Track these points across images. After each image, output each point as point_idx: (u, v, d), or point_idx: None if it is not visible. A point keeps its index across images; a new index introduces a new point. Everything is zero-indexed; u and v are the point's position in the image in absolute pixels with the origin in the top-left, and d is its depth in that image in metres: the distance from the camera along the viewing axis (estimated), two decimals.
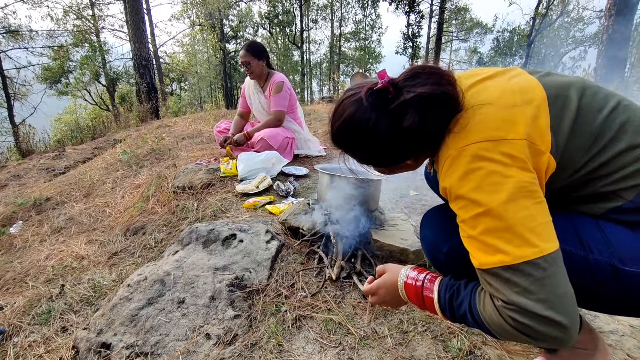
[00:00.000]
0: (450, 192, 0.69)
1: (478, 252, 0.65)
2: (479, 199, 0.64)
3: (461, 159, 0.67)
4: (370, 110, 0.74)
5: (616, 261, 0.66)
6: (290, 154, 3.05)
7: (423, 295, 0.77)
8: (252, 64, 2.95)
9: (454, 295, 0.72)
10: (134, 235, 2.32)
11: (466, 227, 0.67)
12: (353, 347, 1.13)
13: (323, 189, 1.71)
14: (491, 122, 0.67)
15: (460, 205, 0.68)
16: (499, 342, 1.13)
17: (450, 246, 0.80)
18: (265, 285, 1.41)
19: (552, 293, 0.59)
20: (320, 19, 28.18)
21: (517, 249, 0.60)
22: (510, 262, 0.60)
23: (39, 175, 4.56)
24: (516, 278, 0.60)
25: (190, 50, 24.55)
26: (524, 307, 0.59)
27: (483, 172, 0.64)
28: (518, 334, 0.61)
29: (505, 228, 0.61)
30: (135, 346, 1.19)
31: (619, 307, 0.71)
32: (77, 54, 15.50)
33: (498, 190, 0.63)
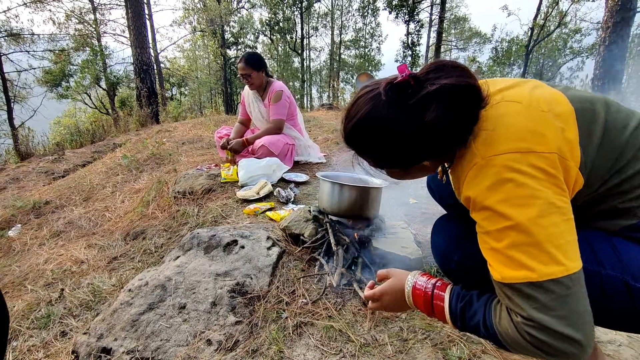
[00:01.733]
0: (475, 202, 0.67)
1: (500, 265, 0.64)
2: (507, 212, 0.62)
3: (490, 168, 0.64)
4: (388, 106, 0.70)
5: (628, 277, 0.65)
6: (290, 161, 3.07)
7: (433, 303, 0.76)
8: (253, 75, 2.96)
9: (467, 306, 0.71)
10: (134, 240, 2.33)
11: (490, 239, 0.66)
12: (354, 354, 1.14)
13: (324, 196, 1.72)
14: (520, 132, 0.65)
15: (485, 216, 0.66)
16: (498, 351, 1.14)
17: (461, 255, 0.79)
18: (266, 291, 1.42)
19: (572, 311, 0.59)
20: (321, 26, 28.43)
21: (543, 266, 0.59)
22: (535, 279, 0.59)
23: (38, 178, 4.55)
24: (538, 294, 0.59)
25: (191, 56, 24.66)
26: (543, 323, 0.58)
27: (513, 184, 0.62)
28: (534, 349, 0.60)
29: (533, 244, 0.60)
30: (136, 351, 1.20)
31: (629, 324, 0.71)
32: (78, 57, 15.56)
33: (528, 204, 0.61)
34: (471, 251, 0.76)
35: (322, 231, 1.70)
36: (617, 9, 6.58)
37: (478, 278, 0.78)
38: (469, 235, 0.77)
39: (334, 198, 1.67)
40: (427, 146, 0.72)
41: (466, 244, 0.78)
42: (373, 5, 26.52)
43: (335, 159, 3.48)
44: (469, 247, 0.77)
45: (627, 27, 6.79)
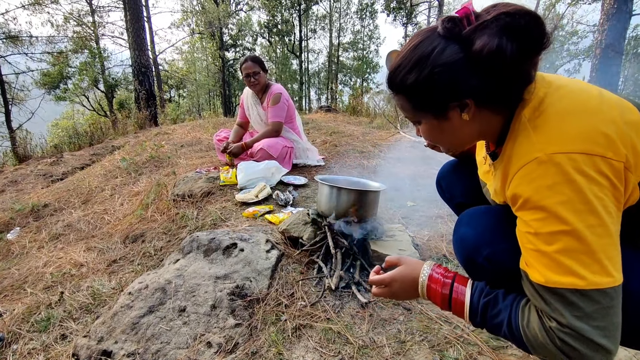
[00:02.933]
0: (529, 200, 0.63)
1: (545, 269, 0.62)
2: (566, 216, 0.59)
3: (552, 166, 0.61)
4: (440, 37, 0.68)
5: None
6: (289, 164, 3.08)
7: (451, 296, 0.75)
8: (261, 74, 3.01)
9: (490, 303, 0.70)
10: (133, 242, 2.33)
11: (539, 240, 0.63)
12: (352, 356, 1.15)
13: (323, 199, 1.74)
14: (593, 132, 0.61)
15: (538, 217, 0.62)
16: (494, 352, 1.15)
17: (493, 251, 0.76)
18: (265, 294, 1.43)
19: (611, 322, 0.59)
20: (319, 29, 28.53)
21: (592, 275, 0.58)
22: (583, 287, 0.58)
23: (37, 181, 4.55)
24: (582, 303, 0.58)
25: (190, 58, 24.69)
26: (582, 333, 0.58)
27: (577, 187, 0.59)
28: (561, 355, 0.60)
29: (587, 252, 0.58)
30: (137, 354, 1.21)
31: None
32: (77, 60, 15.56)
33: (590, 211, 0.58)
34: (504, 248, 0.74)
35: (321, 234, 1.72)
36: (613, 11, 6.64)
37: (503, 277, 0.76)
38: (505, 231, 0.75)
39: (332, 201, 1.69)
40: (467, 81, 0.67)
41: (500, 240, 0.75)
42: (371, 7, 26.65)
43: (334, 162, 3.50)
44: (503, 244, 0.75)
45: (623, 30, 6.84)
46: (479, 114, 0.72)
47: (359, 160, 3.58)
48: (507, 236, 0.73)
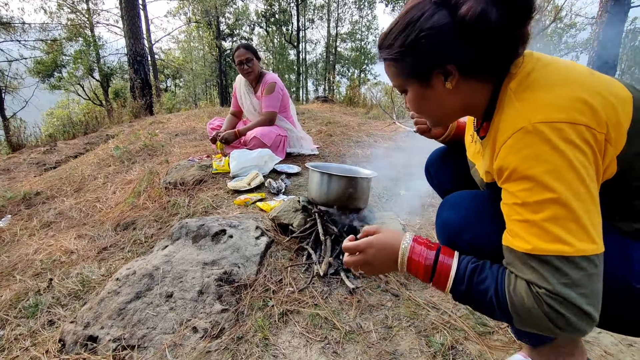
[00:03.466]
0: (516, 170, 0.63)
1: (533, 237, 0.62)
2: (553, 184, 0.60)
3: (538, 136, 0.61)
4: (432, 2, 0.69)
5: (632, 279, 0.65)
6: (282, 152, 3.06)
7: (437, 263, 0.72)
8: (254, 62, 2.97)
9: (478, 269, 0.69)
10: (124, 230, 2.32)
11: (526, 210, 0.63)
12: (338, 341, 1.15)
13: (313, 186, 1.72)
14: (578, 101, 0.62)
15: (525, 187, 0.63)
16: (480, 337, 1.15)
17: (474, 235, 0.76)
18: (253, 280, 1.42)
19: (595, 290, 0.59)
20: (317, 18, 28.22)
21: (579, 242, 0.59)
22: (570, 253, 0.59)
23: (29, 169, 4.52)
24: (569, 270, 0.59)
25: (186, 47, 24.42)
26: (568, 299, 0.59)
27: (562, 156, 0.60)
28: (547, 321, 0.61)
29: (573, 219, 0.59)
30: (122, 339, 1.20)
31: (624, 326, 0.72)
32: (71, 48, 15.32)
33: (575, 179, 0.59)
34: (486, 233, 0.74)
35: (311, 221, 1.71)
36: (612, 4, 6.58)
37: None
38: (487, 216, 0.75)
39: (323, 188, 1.67)
40: (453, 46, 0.68)
41: (482, 224, 0.76)
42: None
43: (328, 151, 3.48)
44: (485, 229, 0.75)
45: (621, 22, 6.80)
46: (463, 84, 0.72)
47: (353, 149, 3.56)
48: (489, 221, 0.74)
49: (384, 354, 1.10)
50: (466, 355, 1.09)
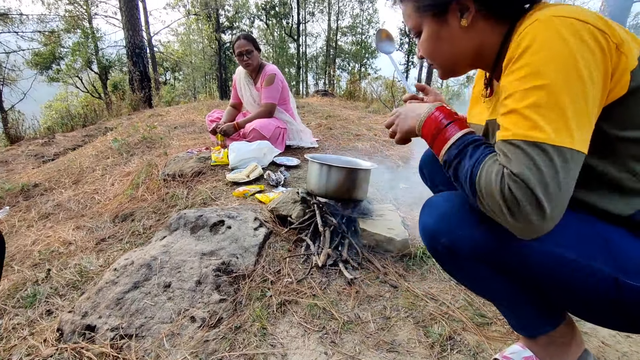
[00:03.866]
0: (520, 57, 0.62)
1: (513, 124, 0.62)
2: (546, 71, 0.59)
3: (550, 23, 0.60)
4: None
5: (618, 272, 0.64)
6: (282, 145, 3.05)
7: (452, 117, 0.76)
8: (254, 53, 2.94)
9: (478, 140, 0.70)
10: (122, 221, 2.32)
11: (512, 100, 0.63)
12: (336, 331, 1.15)
13: (312, 177, 1.71)
14: (593, 15, 0.62)
15: (521, 75, 0.62)
16: (478, 328, 1.15)
17: (450, 239, 0.77)
18: (251, 270, 1.42)
19: (557, 185, 0.58)
20: (318, 11, 28.00)
21: (554, 131, 0.58)
22: (541, 139, 0.58)
23: (28, 161, 4.50)
24: (537, 156, 0.58)
25: (185, 40, 24.26)
26: (526, 181, 0.58)
27: (567, 47, 0.58)
28: (501, 200, 0.60)
29: (556, 109, 0.58)
30: (120, 328, 1.20)
31: (616, 321, 0.71)
32: (69, 40, 15.22)
33: (575, 74, 0.58)
34: (460, 235, 0.75)
35: (310, 213, 1.70)
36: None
37: (462, 263, 0.79)
38: (462, 219, 0.75)
39: (322, 179, 1.66)
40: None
41: (457, 227, 0.76)
42: None
43: (328, 144, 3.47)
44: (459, 232, 0.75)
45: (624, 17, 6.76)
46: (478, 22, 0.73)
47: (353, 142, 3.55)
48: (464, 224, 0.74)
49: (382, 344, 1.10)
50: (464, 346, 1.09)
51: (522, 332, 0.88)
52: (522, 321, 0.86)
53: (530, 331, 0.86)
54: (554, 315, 0.83)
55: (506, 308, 0.87)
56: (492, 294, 0.86)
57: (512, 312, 0.86)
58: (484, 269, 0.77)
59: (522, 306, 0.82)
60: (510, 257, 0.72)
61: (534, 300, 0.80)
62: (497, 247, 0.72)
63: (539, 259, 0.68)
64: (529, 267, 0.70)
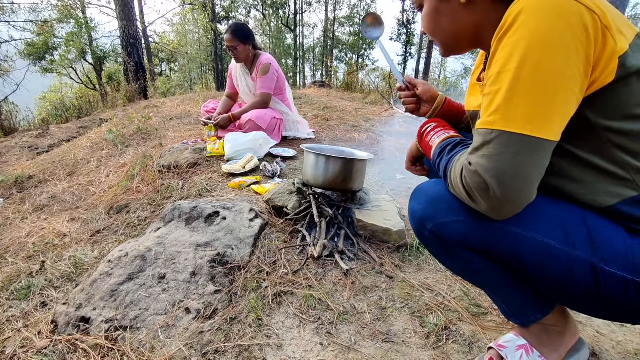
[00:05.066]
0: (502, 36, 0.61)
1: (482, 110, 0.64)
2: (518, 53, 0.58)
3: (536, 1, 0.58)
4: None
5: (597, 260, 0.64)
6: (278, 135, 3.03)
7: (435, 128, 0.89)
8: (239, 48, 2.87)
9: (461, 142, 0.79)
10: (117, 213, 2.30)
11: (489, 85, 0.63)
12: (332, 321, 1.15)
13: (308, 168, 1.70)
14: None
15: (498, 57, 0.62)
16: (474, 318, 1.15)
17: (435, 224, 0.77)
18: (247, 261, 1.41)
19: (511, 169, 0.60)
20: (315, 1, 27.66)
21: (516, 119, 0.59)
22: (496, 126, 0.61)
23: (22, 153, 4.46)
24: (491, 141, 0.61)
25: (180, 30, 23.95)
26: (477, 168, 0.62)
27: (547, 27, 0.57)
28: (461, 188, 0.67)
29: (522, 95, 0.58)
30: (115, 320, 1.19)
31: (595, 308, 0.71)
32: (62, 30, 14.96)
33: (548, 54, 0.57)
34: (446, 221, 0.75)
35: (306, 203, 1.69)
36: None
37: (448, 247, 0.79)
38: (448, 205, 0.75)
39: (318, 170, 1.65)
40: None
41: (443, 213, 0.76)
42: None
43: (324, 135, 3.45)
44: (445, 218, 0.76)
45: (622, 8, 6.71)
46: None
47: (349, 133, 3.53)
48: (449, 211, 0.75)
49: (377, 334, 1.10)
50: (459, 336, 1.09)
51: (513, 319, 0.88)
52: (512, 308, 0.86)
53: (520, 318, 0.86)
54: (543, 303, 0.83)
55: (495, 294, 0.87)
56: (480, 280, 0.86)
57: (501, 299, 0.86)
58: (470, 255, 0.78)
59: (511, 293, 0.83)
60: (493, 243, 0.72)
61: (521, 287, 0.81)
62: (480, 233, 0.73)
63: (520, 245, 0.69)
64: (512, 252, 0.71)
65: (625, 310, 0.67)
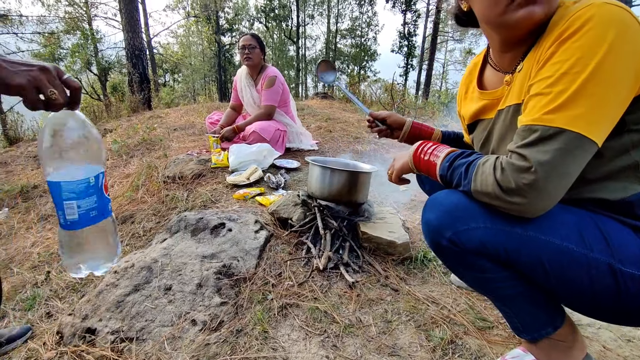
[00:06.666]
0: (570, 37, 0.64)
1: (534, 108, 0.66)
2: (586, 58, 0.61)
3: (604, 9, 0.62)
4: None
5: (616, 262, 0.66)
6: (282, 147, 3.05)
7: (434, 145, 0.90)
8: (256, 51, 2.96)
9: (465, 154, 0.80)
10: (122, 223, 2.31)
11: (543, 83, 0.66)
12: (337, 334, 1.15)
13: (313, 180, 1.72)
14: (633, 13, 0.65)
15: (561, 58, 0.64)
16: (480, 332, 1.15)
17: (454, 232, 0.77)
18: (252, 273, 1.42)
19: (558, 164, 0.62)
20: (317, 14, 28.11)
21: (575, 119, 0.61)
22: (559, 125, 0.62)
23: (27, 162, 4.49)
24: (539, 134, 0.63)
25: (185, 42, 24.29)
26: (524, 154, 0.64)
27: (614, 36, 0.60)
28: (493, 180, 0.68)
29: (583, 97, 0.61)
30: (121, 331, 1.19)
31: (614, 313, 0.72)
32: (69, 41, 15.19)
33: (613, 62, 0.60)
34: (465, 229, 0.76)
35: (311, 215, 1.70)
36: None
37: (467, 257, 0.79)
38: (465, 212, 0.76)
39: (323, 182, 1.67)
40: None
41: (461, 221, 0.77)
42: None
43: (328, 147, 3.47)
44: (463, 226, 0.76)
45: None
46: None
47: (353, 145, 3.55)
48: (467, 218, 0.76)
49: (383, 347, 1.10)
50: (466, 350, 1.08)
51: (524, 335, 0.88)
52: (523, 321, 0.86)
53: (531, 333, 0.86)
54: (554, 317, 0.84)
55: (507, 307, 0.87)
56: (494, 292, 0.86)
57: (513, 312, 0.86)
58: (487, 264, 0.78)
59: (524, 305, 0.83)
60: (514, 249, 0.73)
61: (535, 299, 0.81)
62: (500, 239, 0.73)
63: (540, 249, 0.70)
64: (532, 258, 0.72)
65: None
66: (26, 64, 0.64)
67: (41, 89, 0.63)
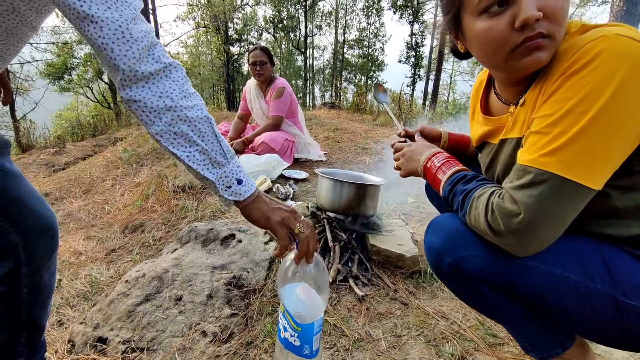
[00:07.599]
0: (578, 71, 0.59)
1: (532, 147, 0.64)
2: (591, 98, 0.57)
3: (616, 42, 0.56)
4: None
5: (618, 293, 0.64)
6: (290, 158, 3.08)
7: (444, 160, 0.88)
8: (267, 65, 3.01)
9: (467, 178, 0.79)
10: (132, 232, 2.33)
11: (544, 120, 0.63)
12: (347, 348, 1.15)
13: (322, 192, 1.73)
14: None
15: (565, 96, 0.60)
16: (490, 349, 1.14)
17: (455, 258, 0.77)
18: (262, 285, 1.43)
19: (548, 210, 0.61)
20: (325, 25, 28.45)
21: (572, 165, 0.59)
22: (553, 170, 0.60)
23: (39, 170, 4.57)
24: (531, 177, 0.62)
25: (194, 52, 24.69)
26: (513, 195, 0.63)
27: (624, 74, 0.55)
28: (483, 217, 0.67)
29: (583, 142, 0.58)
30: (132, 341, 1.20)
31: (618, 341, 0.71)
32: (81, 51, 15.55)
33: (620, 105, 0.56)
34: (465, 256, 0.76)
35: (320, 227, 1.71)
36: (622, 13, 6.56)
37: (466, 282, 0.79)
38: (466, 239, 0.76)
39: (333, 195, 1.68)
40: None
41: (462, 248, 0.77)
42: (377, 5, 26.48)
43: (336, 157, 3.49)
44: (464, 252, 0.76)
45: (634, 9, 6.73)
46: None
47: (360, 156, 3.57)
48: (468, 244, 0.75)
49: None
50: None
51: (533, 354, 0.87)
52: (531, 342, 0.85)
53: (540, 353, 0.86)
54: (563, 338, 0.83)
55: (514, 329, 0.86)
56: (498, 315, 0.85)
57: (519, 333, 0.85)
58: (488, 290, 0.77)
59: (529, 327, 0.82)
60: (512, 277, 0.72)
61: (541, 321, 0.80)
62: (499, 268, 0.73)
63: (539, 279, 0.70)
64: (531, 287, 0.71)
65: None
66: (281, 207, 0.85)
67: (290, 226, 0.83)
